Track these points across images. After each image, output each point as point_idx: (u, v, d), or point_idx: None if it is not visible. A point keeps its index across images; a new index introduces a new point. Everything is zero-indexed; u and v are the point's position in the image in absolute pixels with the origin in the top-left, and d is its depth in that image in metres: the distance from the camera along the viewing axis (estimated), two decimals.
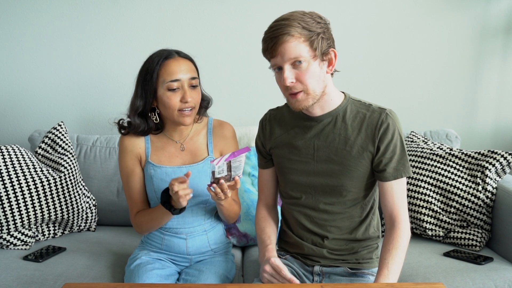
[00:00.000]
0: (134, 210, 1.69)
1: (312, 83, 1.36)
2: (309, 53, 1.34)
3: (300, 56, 1.33)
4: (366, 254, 1.54)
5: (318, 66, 1.36)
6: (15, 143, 2.41)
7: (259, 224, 1.60)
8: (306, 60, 1.34)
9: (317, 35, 1.34)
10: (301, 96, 1.38)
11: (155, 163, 1.65)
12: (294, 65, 1.35)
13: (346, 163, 1.44)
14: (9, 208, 1.95)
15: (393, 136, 1.42)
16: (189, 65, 1.60)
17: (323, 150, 1.46)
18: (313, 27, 1.34)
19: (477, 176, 1.98)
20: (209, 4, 2.43)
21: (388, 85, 2.50)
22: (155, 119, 1.63)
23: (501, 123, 2.55)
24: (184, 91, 1.56)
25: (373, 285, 1.43)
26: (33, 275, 1.72)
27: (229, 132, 1.71)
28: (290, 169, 1.51)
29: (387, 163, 1.42)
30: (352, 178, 1.45)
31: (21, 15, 2.43)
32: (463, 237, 1.96)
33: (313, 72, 1.35)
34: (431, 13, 2.45)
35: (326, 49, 1.37)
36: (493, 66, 2.49)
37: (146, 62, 1.61)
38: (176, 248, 1.69)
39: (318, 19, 1.36)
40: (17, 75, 2.48)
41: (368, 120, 1.43)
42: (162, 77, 1.56)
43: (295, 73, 1.35)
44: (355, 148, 1.43)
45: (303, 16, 1.35)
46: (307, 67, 1.34)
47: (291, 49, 1.32)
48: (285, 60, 1.34)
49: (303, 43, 1.33)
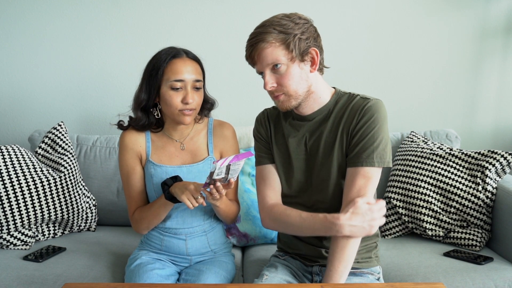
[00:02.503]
0: (133, 208, 1.69)
1: (292, 85, 1.39)
2: (286, 56, 1.36)
3: (277, 61, 1.36)
4: (365, 253, 1.54)
5: (298, 68, 1.38)
6: (15, 143, 2.41)
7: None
8: (284, 64, 1.37)
9: (294, 36, 1.35)
10: (283, 98, 1.41)
11: (156, 162, 1.66)
12: (274, 69, 1.38)
13: (333, 154, 1.45)
14: (9, 208, 1.95)
15: (372, 118, 1.39)
16: (196, 67, 1.60)
17: (312, 145, 1.48)
18: (289, 29, 1.35)
19: (477, 176, 1.98)
20: (209, 4, 2.43)
21: (388, 85, 2.51)
22: (156, 114, 1.64)
23: (501, 123, 2.55)
24: (187, 92, 1.57)
25: (373, 285, 1.43)
26: (33, 275, 1.72)
27: (230, 132, 1.71)
28: (285, 167, 1.52)
29: (358, 143, 1.39)
30: (340, 170, 1.45)
31: (21, 15, 2.43)
32: (463, 237, 1.96)
33: (292, 74, 1.38)
34: (431, 13, 2.45)
35: (306, 49, 1.37)
36: (493, 66, 2.49)
37: (154, 58, 1.61)
38: (176, 249, 1.69)
39: (297, 20, 1.37)
40: (17, 75, 2.49)
41: (353, 106, 1.43)
42: (166, 75, 1.57)
43: (275, 77, 1.39)
44: (338, 137, 1.44)
45: (280, 20, 1.37)
46: (286, 70, 1.37)
47: (268, 55, 1.36)
48: (264, 66, 1.38)
49: (278, 47, 1.35)
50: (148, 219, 1.64)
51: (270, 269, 1.55)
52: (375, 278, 1.53)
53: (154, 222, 1.65)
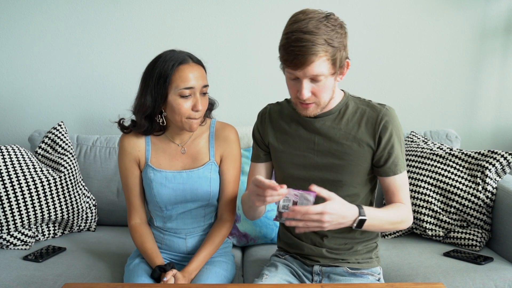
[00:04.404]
0: (131, 213, 1.69)
1: (325, 97, 1.38)
2: (330, 70, 1.33)
3: (321, 74, 1.32)
4: (366, 253, 1.54)
5: (333, 80, 1.37)
6: (15, 143, 2.41)
7: (243, 196, 1.57)
8: (325, 77, 1.34)
9: (339, 51, 1.33)
10: (312, 107, 1.39)
11: (155, 166, 1.64)
12: (312, 80, 1.34)
13: (347, 157, 1.45)
14: (9, 208, 1.95)
15: (392, 131, 1.43)
16: (202, 72, 1.57)
17: (323, 145, 1.47)
18: (335, 41, 1.31)
19: (477, 176, 1.98)
20: (209, 4, 2.43)
21: (388, 85, 2.50)
22: (161, 121, 1.60)
23: (501, 123, 2.55)
24: (196, 99, 1.53)
25: (373, 285, 1.43)
26: (33, 275, 1.72)
27: (232, 135, 1.68)
28: (289, 164, 1.51)
29: (387, 158, 1.44)
30: (352, 173, 1.46)
31: (21, 16, 2.43)
32: (463, 237, 1.96)
33: (328, 86, 1.36)
34: (431, 13, 2.45)
35: (344, 63, 1.37)
36: (493, 66, 2.49)
37: (158, 64, 1.54)
38: (176, 247, 1.69)
39: (339, 29, 1.33)
40: (17, 75, 2.48)
41: (368, 115, 1.44)
42: (175, 82, 1.52)
43: (312, 87, 1.35)
44: (356, 143, 1.44)
45: (325, 27, 1.30)
46: (324, 83, 1.35)
47: (314, 68, 1.31)
48: (306, 76, 1.33)
49: (326, 61, 1.31)
50: (137, 246, 1.68)
51: (270, 268, 1.55)
52: (375, 279, 1.52)
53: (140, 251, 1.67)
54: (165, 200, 1.63)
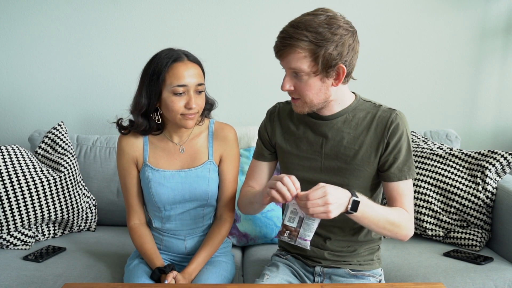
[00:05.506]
0: (130, 214, 1.69)
1: (309, 95, 1.36)
2: (310, 68, 1.31)
3: (299, 70, 1.31)
4: (367, 255, 1.54)
5: (319, 81, 1.34)
6: (15, 143, 2.41)
7: (247, 191, 1.56)
8: (305, 74, 1.32)
9: (325, 50, 1.28)
10: (298, 103, 1.39)
11: (153, 166, 1.64)
12: (295, 74, 1.34)
13: (354, 162, 1.43)
14: (9, 208, 1.95)
15: (401, 136, 1.41)
16: (197, 70, 1.57)
17: (331, 148, 1.45)
18: (322, 41, 1.27)
19: (477, 176, 1.98)
20: (209, 4, 2.43)
21: (388, 85, 2.50)
22: (157, 119, 1.61)
23: (501, 123, 2.55)
24: (190, 97, 1.53)
25: (373, 285, 1.44)
26: (33, 275, 1.72)
27: (231, 135, 1.68)
28: (296, 165, 1.50)
29: (392, 163, 1.42)
30: (358, 177, 1.45)
31: (21, 15, 2.43)
32: (463, 237, 1.96)
33: (311, 86, 1.34)
34: (431, 13, 2.45)
35: (333, 65, 1.31)
36: (493, 66, 2.49)
37: (153, 61, 1.56)
38: (175, 248, 1.69)
39: (336, 30, 1.28)
40: (17, 75, 2.48)
41: (378, 120, 1.42)
42: (168, 80, 1.52)
43: (294, 82, 1.35)
44: (364, 147, 1.43)
45: (318, 26, 1.28)
46: (307, 80, 1.33)
47: (291, 61, 1.31)
48: (287, 68, 1.34)
49: (304, 58, 1.29)
50: (136, 247, 1.67)
51: (271, 268, 1.55)
52: (376, 281, 1.53)
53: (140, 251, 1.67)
54: (163, 200, 1.63)
